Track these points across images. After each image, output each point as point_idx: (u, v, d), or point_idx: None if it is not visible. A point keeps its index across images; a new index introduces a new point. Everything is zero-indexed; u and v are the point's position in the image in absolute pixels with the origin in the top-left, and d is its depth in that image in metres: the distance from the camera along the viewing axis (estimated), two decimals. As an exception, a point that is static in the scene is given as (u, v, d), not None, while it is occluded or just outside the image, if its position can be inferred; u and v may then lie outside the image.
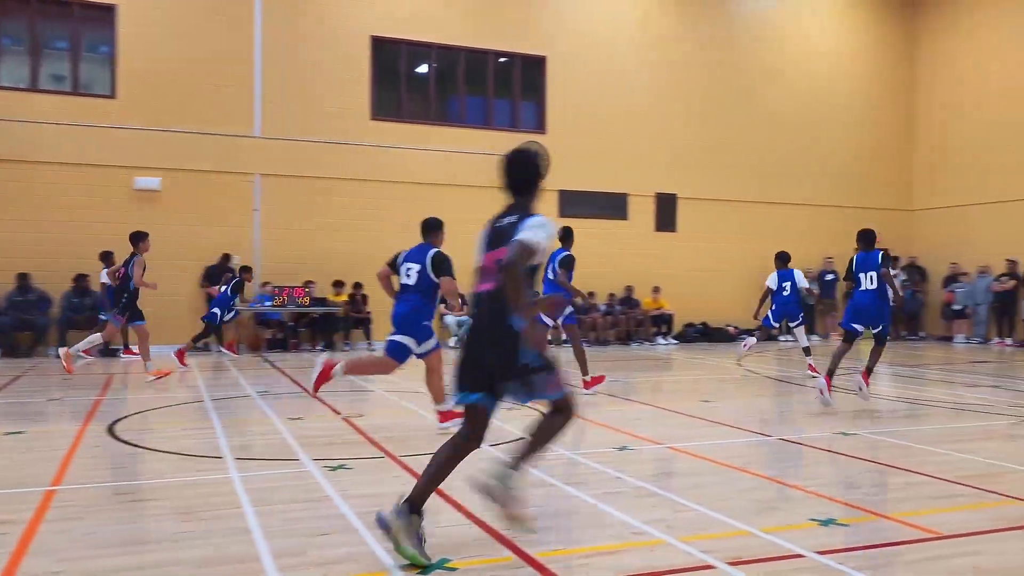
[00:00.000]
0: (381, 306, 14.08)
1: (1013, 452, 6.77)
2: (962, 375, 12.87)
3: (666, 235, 19.19)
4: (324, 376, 7.36)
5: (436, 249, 7.33)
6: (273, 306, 15.66)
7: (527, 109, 18.51)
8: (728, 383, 11.66)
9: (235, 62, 15.95)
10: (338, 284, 16.46)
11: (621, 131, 18.76)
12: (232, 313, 14.12)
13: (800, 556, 3.99)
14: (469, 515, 4.63)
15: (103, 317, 11.19)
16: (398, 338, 7.18)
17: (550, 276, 9.79)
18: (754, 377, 12.20)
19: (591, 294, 17.01)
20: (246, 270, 14.61)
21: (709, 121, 19.58)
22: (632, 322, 18.39)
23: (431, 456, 4.09)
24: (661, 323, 18.68)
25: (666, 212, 19.20)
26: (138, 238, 10.66)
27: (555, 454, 6.35)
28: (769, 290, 11.86)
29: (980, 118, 19.87)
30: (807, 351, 11.95)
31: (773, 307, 11.93)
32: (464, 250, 20.43)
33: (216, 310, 13.81)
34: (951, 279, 19.57)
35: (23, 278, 14.33)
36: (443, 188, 17.31)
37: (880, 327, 8.96)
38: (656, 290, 18.64)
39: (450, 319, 16.84)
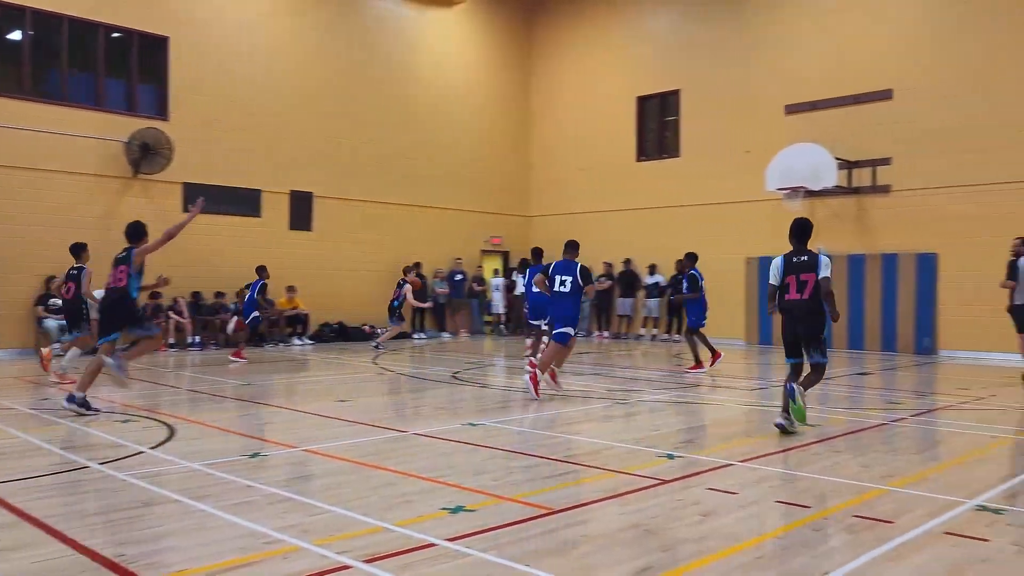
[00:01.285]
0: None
1: (609, 431, 7.73)
2: (569, 365, 14.43)
3: (302, 234, 18.86)
4: (536, 381, 9.34)
5: (581, 264, 9.98)
6: None
7: (146, 92, 16.95)
8: (364, 382, 11.79)
9: None
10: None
11: (255, 125, 18.04)
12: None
13: (432, 545, 4.12)
14: (74, 544, 4.07)
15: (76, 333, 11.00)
16: (565, 330, 9.73)
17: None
18: (389, 375, 12.47)
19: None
20: (264, 270, 14.71)
21: (347, 121, 19.64)
22: (266, 323, 17.77)
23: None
24: (296, 323, 18.32)
25: (302, 210, 18.87)
26: (81, 248, 10.87)
27: (181, 467, 5.87)
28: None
29: (577, 137, 22.50)
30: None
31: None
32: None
33: (256, 313, 14.48)
34: (560, 279, 21.85)
35: None
36: (40, 173, 15.17)
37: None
38: (291, 290, 18.22)
39: (51, 323, 14.82)
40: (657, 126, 21.47)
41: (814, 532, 4.42)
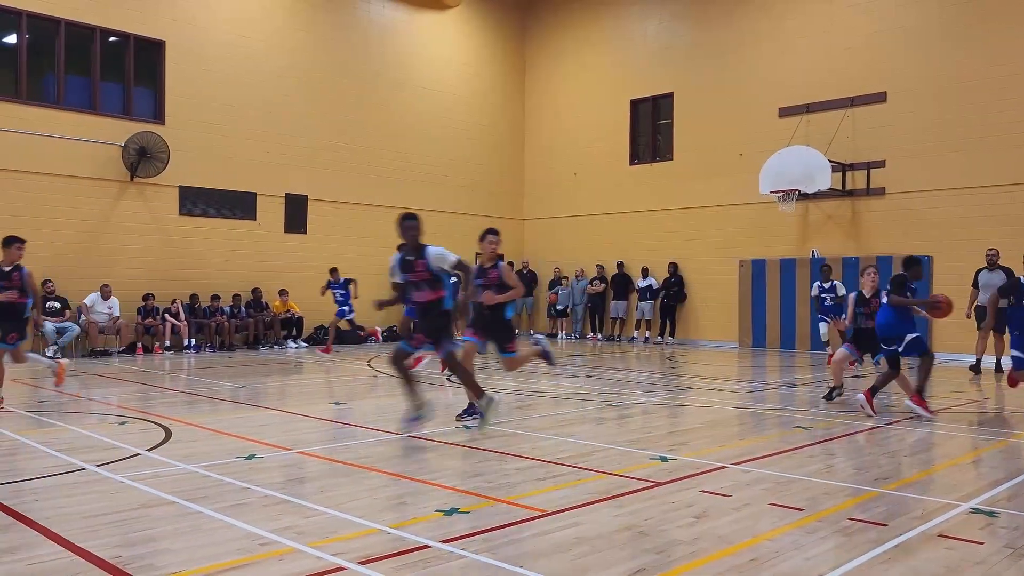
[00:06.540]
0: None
1: (602, 433, 7.75)
2: (563, 367, 14.46)
3: (296, 236, 18.87)
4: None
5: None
6: None
7: (142, 96, 16.94)
8: (359, 385, 11.79)
9: None
10: None
11: (250, 128, 18.05)
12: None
13: (427, 547, 4.13)
14: (71, 546, 4.08)
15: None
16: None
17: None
18: (384, 378, 12.47)
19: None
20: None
21: (340, 125, 19.65)
22: (260, 325, 17.77)
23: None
24: (291, 326, 18.31)
25: (296, 213, 18.88)
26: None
27: (177, 469, 5.88)
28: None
29: (571, 140, 22.50)
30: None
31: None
32: (68, 248, 17.90)
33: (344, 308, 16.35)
34: (555, 282, 21.93)
35: None
36: (36, 177, 15.17)
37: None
38: (284, 293, 18.21)
39: (49, 327, 14.79)
40: (650, 129, 21.51)
41: (808, 535, 4.45)
